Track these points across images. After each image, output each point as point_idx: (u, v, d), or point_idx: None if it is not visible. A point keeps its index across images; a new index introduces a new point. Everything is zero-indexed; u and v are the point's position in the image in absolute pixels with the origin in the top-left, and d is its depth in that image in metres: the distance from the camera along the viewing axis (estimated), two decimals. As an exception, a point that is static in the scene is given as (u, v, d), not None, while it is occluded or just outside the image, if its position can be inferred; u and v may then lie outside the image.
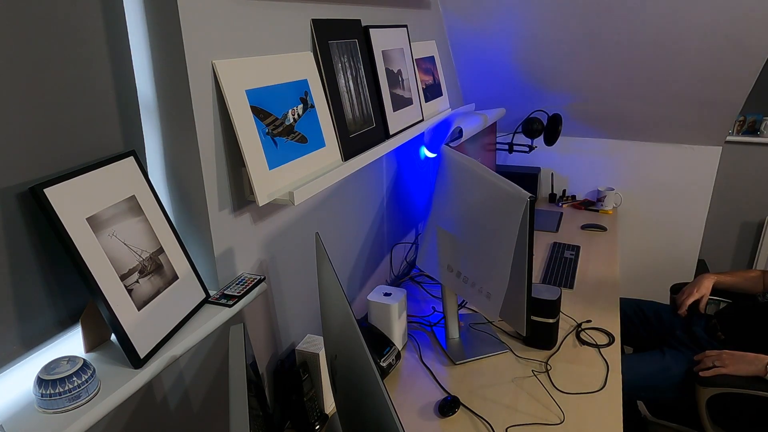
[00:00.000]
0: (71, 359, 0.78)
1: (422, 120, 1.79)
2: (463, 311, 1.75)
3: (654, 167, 2.64)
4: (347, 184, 1.55)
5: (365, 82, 1.46)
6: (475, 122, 1.91)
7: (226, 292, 1.03)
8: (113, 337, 0.91)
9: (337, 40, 1.35)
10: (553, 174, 2.84)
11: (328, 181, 1.19)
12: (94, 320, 0.87)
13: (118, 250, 0.84)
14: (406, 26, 1.73)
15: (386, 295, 1.50)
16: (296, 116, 1.17)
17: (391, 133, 1.57)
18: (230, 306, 0.99)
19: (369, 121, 1.46)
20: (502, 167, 2.83)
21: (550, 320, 1.50)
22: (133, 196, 0.89)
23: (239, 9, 1.03)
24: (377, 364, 1.18)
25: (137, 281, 0.86)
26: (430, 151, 2.03)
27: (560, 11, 2.02)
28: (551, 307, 1.49)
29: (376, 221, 1.77)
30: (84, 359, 0.78)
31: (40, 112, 0.77)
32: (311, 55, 1.25)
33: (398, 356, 1.44)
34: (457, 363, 1.48)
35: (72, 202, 0.78)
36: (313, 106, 1.23)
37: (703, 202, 2.62)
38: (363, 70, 1.45)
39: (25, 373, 0.81)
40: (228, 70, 0.99)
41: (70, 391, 0.74)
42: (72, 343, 0.87)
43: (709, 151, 2.53)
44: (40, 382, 0.74)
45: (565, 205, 2.76)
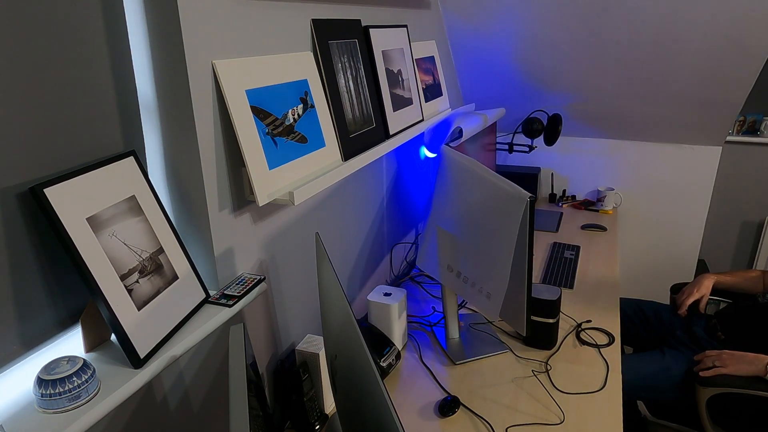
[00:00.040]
0: (71, 359, 0.78)
1: (422, 120, 1.79)
2: (463, 311, 1.75)
3: (654, 167, 2.64)
4: (347, 184, 1.55)
5: (365, 82, 1.46)
6: (475, 122, 1.91)
7: (226, 292, 1.03)
8: (113, 337, 0.91)
9: (337, 40, 1.35)
10: (553, 174, 2.84)
11: (328, 181, 1.19)
12: (94, 320, 0.87)
13: (118, 250, 0.84)
14: (406, 26, 1.73)
15: (386, 295, 1.50)
16: (296, 116, 1.17)
17: (391, 133, 1.57)
18: (230, 306, 0.99)
19: (369, 121, 1.46)
20: (502, 167, 2.83)
21: (550, 320, 1.50)
22: (133, 196, 0.89)
23: (239, 9, 1.03)
24: (377, 364, 1.18)
25: (137, 281, 0.86)
26: (430, 151, 2.03)
27: (560, 11, 2.02)
28: (551, 307, 1.49)
29: (376, 221, 1.77)
30: (84, 359, 0.78)
31: (40, 112, 0.77)
32: (311, 55, 1.25)
33: (398, 356, 1.44)
34: (457, 363, 1.48)
35: (72, 202, 0.78)
36: (313, 106, 1.23)
37: (703, 202, 2.62)
38: (363, 70, 1.45)
39: (25, 373, 0.81)
40: (228, 70, 0.99)
41: (70, 391, 0.74)
42: (72, 343, 0.87)
43: (709, 151, 2.53)
44: (40, 382, 0.74)
45: (565, 205, 2.76)
